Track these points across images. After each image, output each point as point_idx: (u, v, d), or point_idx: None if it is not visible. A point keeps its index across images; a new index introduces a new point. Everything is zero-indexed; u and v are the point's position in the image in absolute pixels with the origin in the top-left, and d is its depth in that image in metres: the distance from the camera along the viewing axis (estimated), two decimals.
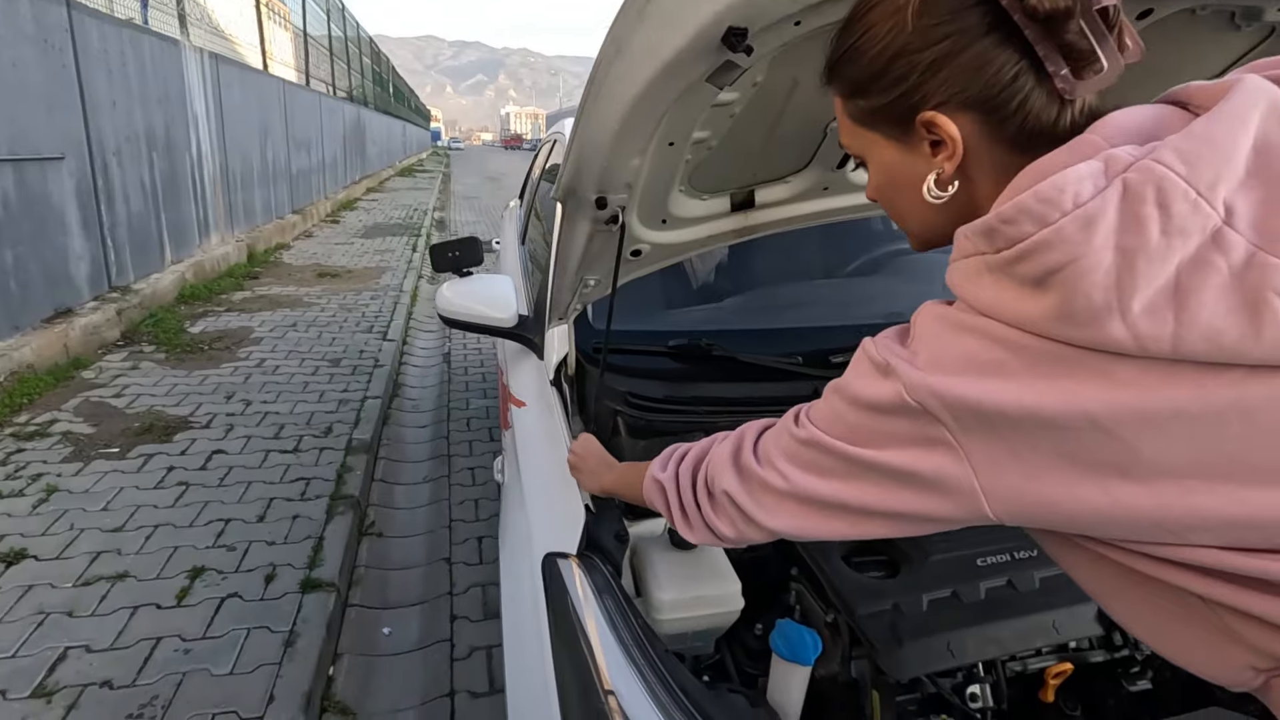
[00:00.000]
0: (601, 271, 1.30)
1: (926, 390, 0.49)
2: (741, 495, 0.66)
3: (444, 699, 1.87)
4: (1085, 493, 0.45)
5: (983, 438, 0.48)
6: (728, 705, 0.87)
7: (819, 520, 0.60)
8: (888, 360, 0.52)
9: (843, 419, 0.56)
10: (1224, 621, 0.47)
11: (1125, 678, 0.97)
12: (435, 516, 2.75)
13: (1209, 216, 0.41)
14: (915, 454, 0.51)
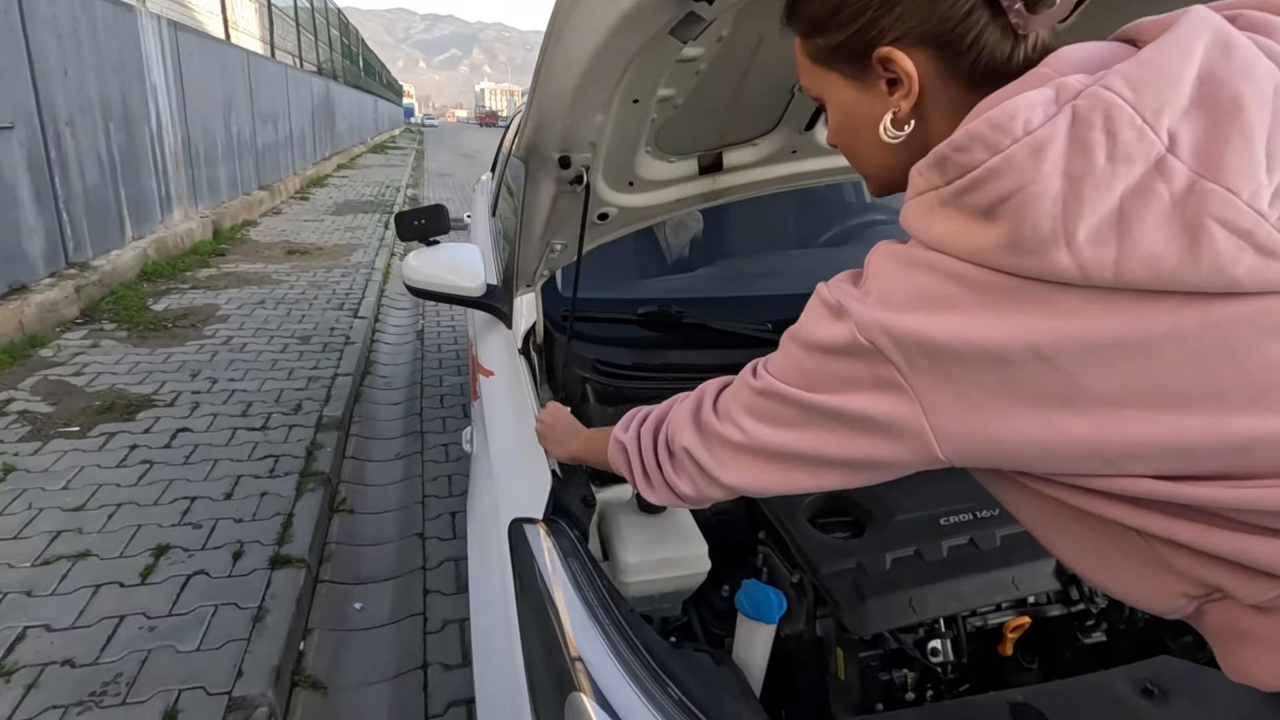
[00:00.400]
0: (568, 236, 1.27)
1: (877, 327, 0.49)
2: (701, 452, 0.66)
3: (417, 671, 1.87)
4: (1028, 426, 0.46)
5: (931, 377, 0.48)
6: (692, 663, 0.87)
7: (778, 473, 0.60)
8: (840, 301, 0.52)
9: (798, 365, 0.56)
10: (1158, 553, 0.49)
11: (1081, 630, 0.99)
12: (408, 492, 2.73)
13: (1153, 144, 0.42)
14: (868, 397, 0.51)
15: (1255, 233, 0.40)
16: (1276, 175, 0.41)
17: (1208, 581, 0.47)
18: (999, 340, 0.45)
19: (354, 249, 6.46)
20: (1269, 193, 0.41)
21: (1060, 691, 0.82)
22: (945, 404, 0.48)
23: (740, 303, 1.53)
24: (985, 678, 1.00)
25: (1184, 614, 0.51)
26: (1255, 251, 0.40)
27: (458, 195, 11.19)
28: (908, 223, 0.52)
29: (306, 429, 2.94)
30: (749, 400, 0.61)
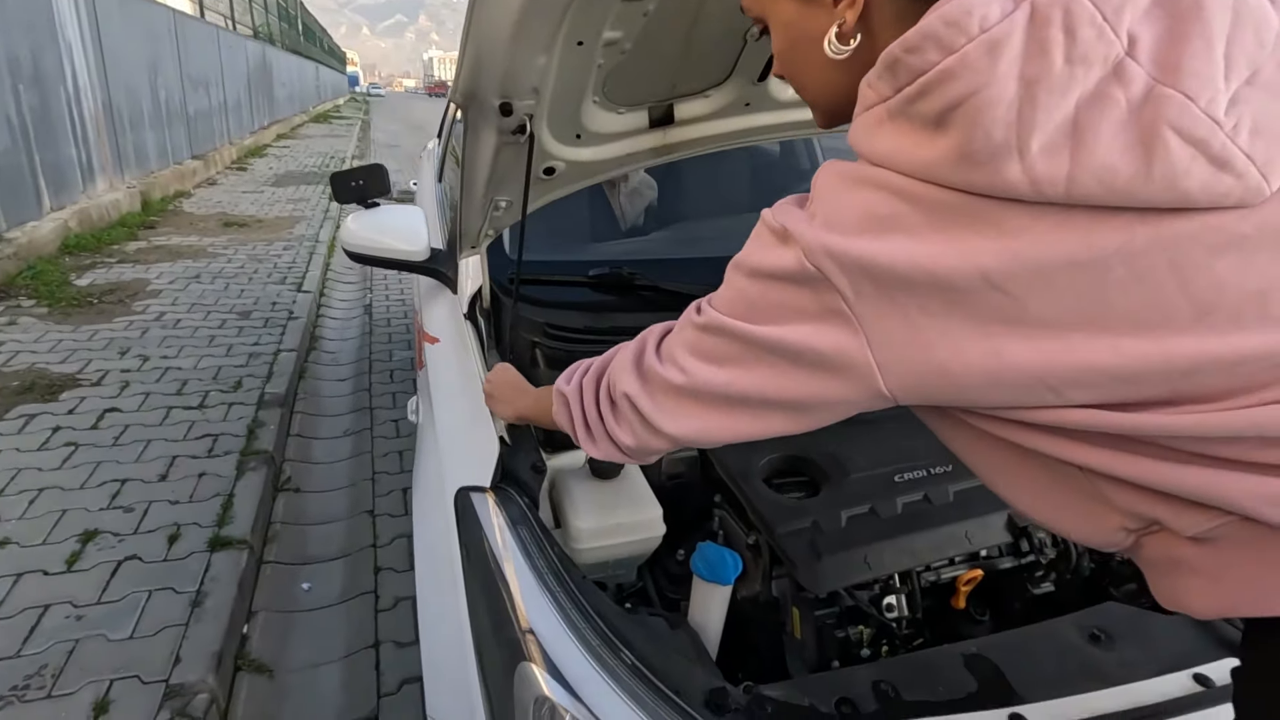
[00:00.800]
0: (513, 192, 1.21)
1: (823, 251, 0.47)
2: (642, 398, 0.63)
3: (369, 650, 1.81)
4: (975, 356, 0.45)
5: (876, 304, 0.46)
6: (646, 628, 0.85)
7: (718, 417, 0.58)
8: (785, 225, 0.49)
9: (742, 295, 0.54)
10: (1097, 488, 0.49)
11: (1030, 581, 1.00)
12: (357, 470, 2.64)
13: (1112, 44, 0.40)
14: (813, 329, 0.49)
15: (1210, 142, 0.39)
16: (1234, 82, 0.40)
17: (1145, 515, 0.47)
18: (948, 265, 0.43)
19: (296, 221, 6.19)
20: (1225, 99, 0.39)
21: (1012, 641, 0.83)
22: (890, 335, 0.47)
23: (694, 264, 1.50)
24: (939, 631, 1.01)
25: (1122, 547, 0.51)
26: (1208, 163, 0.39)
27: (407, 166, 10.83)
28: (855, 141, 0.50)
29: (248, 407, 2.81)
30: (691, 338, 0.59)
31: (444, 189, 2.52)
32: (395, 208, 1.62)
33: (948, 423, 0.55)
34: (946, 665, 0.79)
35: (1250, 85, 0.40)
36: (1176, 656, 0.78)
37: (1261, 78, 0.40)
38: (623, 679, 0.74)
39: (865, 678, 0.77)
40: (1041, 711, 0.71)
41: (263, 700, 1.65)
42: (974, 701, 0.73)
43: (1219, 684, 0.74)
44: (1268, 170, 0.39)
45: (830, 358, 0.49)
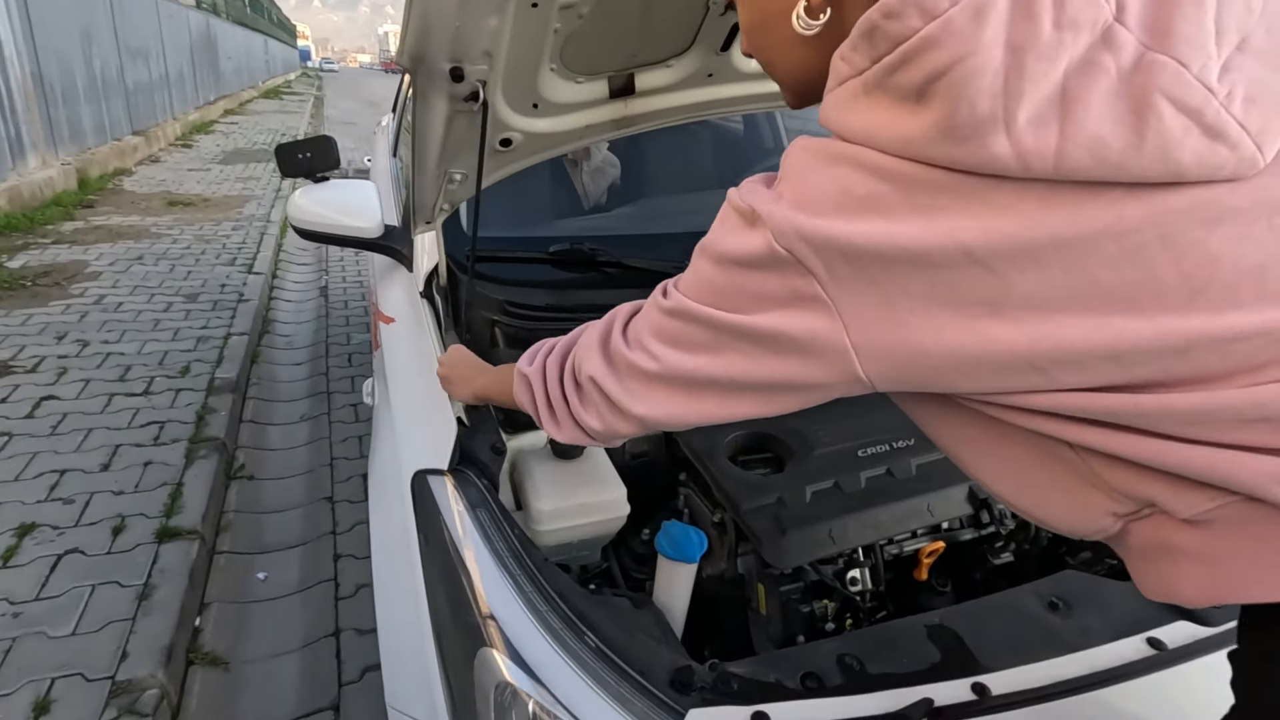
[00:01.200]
0: (468, 164, 1.16)
1: (794, 233, 0.44)
2: (609, 381, 0.61)
3: (329, 639, 1.77)
4: (957, 337, 0.43)
5: (853, 286, 0.44)
6: (610, 609, 0.83)
7: (688, 402, 0.56)
8: (753, 206, 0.47)
9: (709, 281, 0.51)
10: (1089, 468, 0.47)
11: (990, 552, 1.02)
12: (315, 456, 2.57)
13: (1101, 9, 0.38)
14: (785, 314, 0.47)
15: (1204, 111, 0.37)
16: (1225, 48, 0.38)
17: (1140, 496, 0.45)
18: (930, 242, 0.41)
19: (246, 200, 5.96)
20: (1218, 66, 0.38)
21: (973, 611, 0.83)
22: (868, 316, 0.44)
23: (656, 240, 1.47)
24: (902, 603, 1.02)
25: (1108, 534, 0.50)
26: (1202, 133, 0.37)
27: (363, 145, 10.51)
28: (827, 118, 0.47)
29: (197, 393, 2.71)
30: (658, 322, 0.56)
31: (397, 164, 2.44)
32: (346, 182, 1.55)
33: (927, 406, 0.53)
34: (910, 636, 0.79)
35: (1241, 52, 0.38)
36: (1130, 622, 0.80)
37: (1252, 44, 0.39)
38: (586, 661, 0.72)
39: (830, 651, 0.77)
40: (1003, 680, 0.71)
41: (217, 693, 1.60)
42: (937, 672, 0.73)
43: (1171, 646, 0.75)
44: (1262, 141, 0.38)
45: (804, 343, 0.47)
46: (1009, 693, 0.70)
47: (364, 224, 1.47)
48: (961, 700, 0.69)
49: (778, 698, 0.70)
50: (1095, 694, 0.70)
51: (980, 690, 0.70)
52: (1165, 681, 0.72)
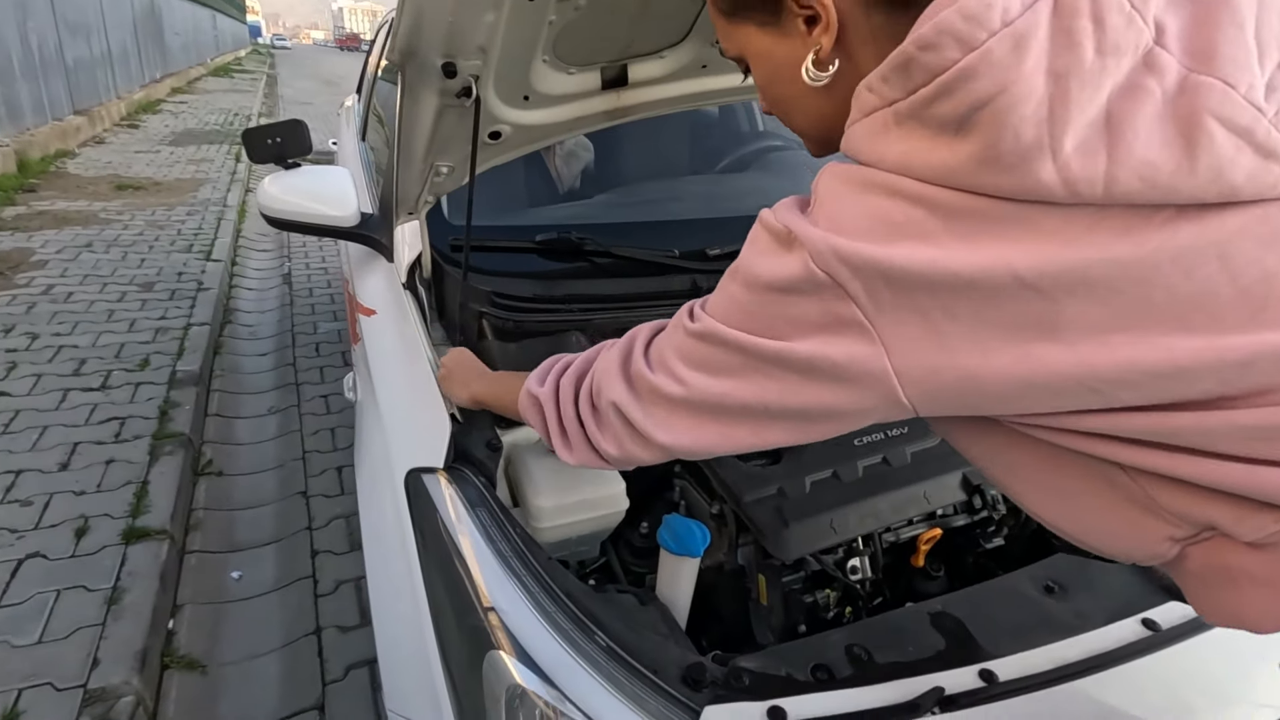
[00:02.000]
0: (456, 157, 1.13)
1: (833, 255, 0.43)
2: (631, 406, 0.58)
3: (309, 638, 1.74)
4: (1005, 359, 0.42)
5: (894, 310, 0.43)
6: (616, 606, 0.82)
7: (718, 430, 0.54)
8: (790, 227, 0.45)
9: (742, 305, 0.50)
10: (1144, 491, 0.45)
11: (983, 537, 1.04)
12: (286, 449, 2.50)
13: (1141, 32, 0.38)
14: (822, 340, 0.46)
15: (1254, 130, 0.37)
16: (1269, 66, 0.38)
17: (1200, 519, 0.44)
18: (977, 266, 0.40)
19: (200, 184, 5.73)
20: (1263, 85, 0.38)
21: (973, 597, 0.85)
22: (911, 341, 0.43)
23: (642, 228, 1.45)
24: (898, 589, 1.03)
25: (1164, 559, 0.48)
26: (1254, 152, 0.37)
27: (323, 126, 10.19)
28: (855, 148, 0.46)
29: (158, 386, 2.61)
30: (686, 346, 0.54)
31: (367, 148, 2.36)
32: (319, 169, 1.49)
33: (968, 430, 0.52)
34: (915, 625, 0.80)
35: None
36: (1124, 603, 0.82)
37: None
38: (598, 661, 0.72)
39: (838, 642, 0.77)
40: (1008, 665, 0.73)
41: (195, 698, 1.56)
42: (944, 659, 0.74)
43: (1165, 627, 0.78)
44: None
45: (843, 369, 0.45)
46: (1015, 679, 0.71)
47: (340, 212, 1.42)
48: (971, 688, 0.70)
49: (790, 691, 0.70)
50: (1097, 677, 0.72)
51: (988, 677, 0.71)
52: (1162, 662, 0.74)
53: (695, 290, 1.24)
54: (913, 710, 0.67)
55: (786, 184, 1.84)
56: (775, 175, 1.88)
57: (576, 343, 1.18)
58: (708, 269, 1.29)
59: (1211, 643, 0.77)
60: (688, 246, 1.35)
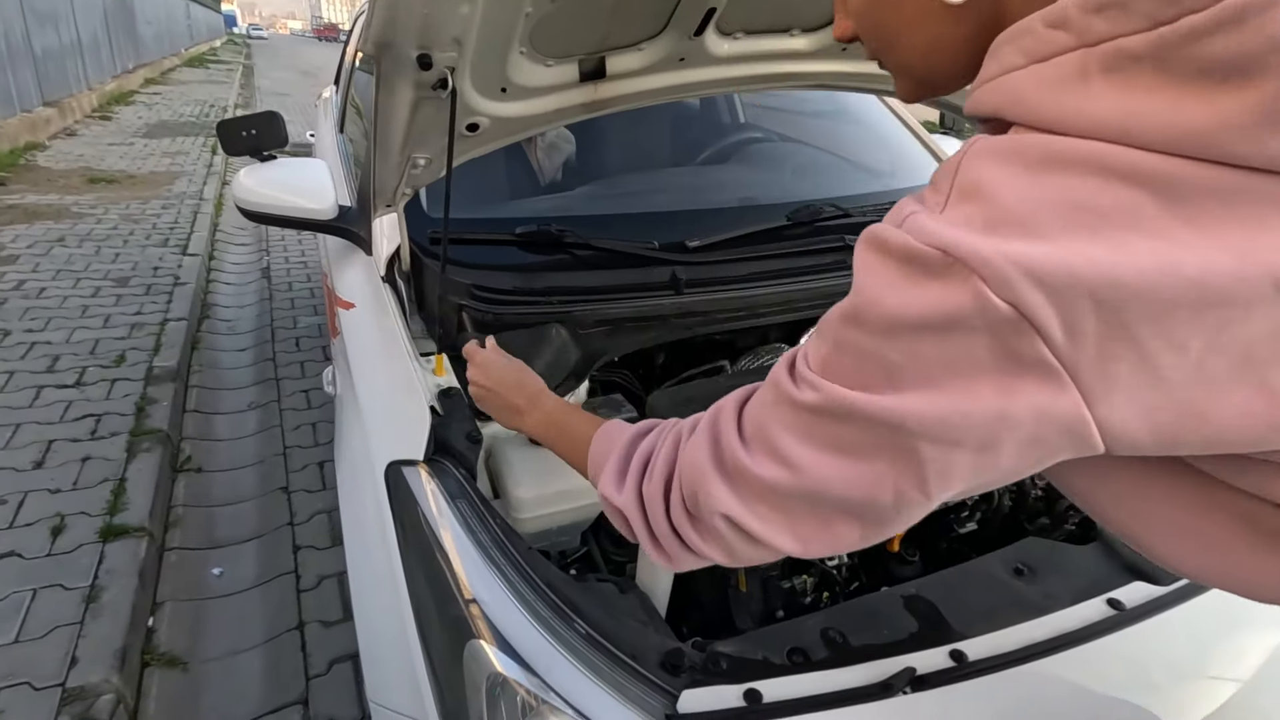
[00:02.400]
0: (433, 149, 1.12)
1: (1023, 276, 0.31)
2: (742, 513, 0.45)
3: (292, 633, 1.73)
4: (1240, 397, 0.32)
5: (1100, 344, 0.32)
6: (596, 595, 0.83)
7: (852, 522, 0.42)
8: (941, 246, 0.33)
9: (873, 359, 0.37)
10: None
11: (956, 522, 1.06)
12: (266, 445, 2.48)
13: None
14: (995, 392, 0.34)
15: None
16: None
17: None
18: (1225, 270, 0.30)
19: (176, 177, 5.64)
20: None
21: (945, 580, 0.87)
22: (1118, 383, 0.32)
23: (623, 220, 1.45)
24: (873, 574, 1.05)
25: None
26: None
27: (300, 119, 10.06)
28: (1024, 105, 0.35)
29: (134, 383, 2.58)
30: (798, 422, 0.41)
31: (345, 140, 2.34)
32: (295, 161, 1.48)
33: (1097, 472, 0.42)
34: (889, 608, 0.82)
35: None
36: (1090, 584, 0.85)
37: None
38: (577, 648, 0.73)
39: (814, 626, 0.79)
40: (979, 645, 0.75)
41: (177, 695, 1.55)
42: (917, 641, 0.76)
43: (1129, 606, 0.80)
44: None
45: (1021, 426, 0.34)
46: (985, 658, 0.73)
47: (317, 205, 1.41)
48: (941, 668, 0.72)
49: (766, 674, 0.72)
50: (1064, 655, 0.74)
51: (958, 657, 0.73)
52: (1127, 640, 0.76)
53: (675, 281, 1.25)
54: (885, 690, 0.69)
55: (766, 175, 1.85)
56: (755, 167, 1.89)
57: (557, 335, 1.18)
58: (687, 260, 1.30)
59: (1174, 621, 0.79)
60: (668, 238, 1.36)
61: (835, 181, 1.83)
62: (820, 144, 2.15)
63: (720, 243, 1.35)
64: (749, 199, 1.64)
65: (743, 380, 1.20)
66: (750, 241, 1.38)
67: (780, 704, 0.67)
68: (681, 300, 1.24)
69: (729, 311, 1.27)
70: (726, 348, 1.43)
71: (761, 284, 1.30)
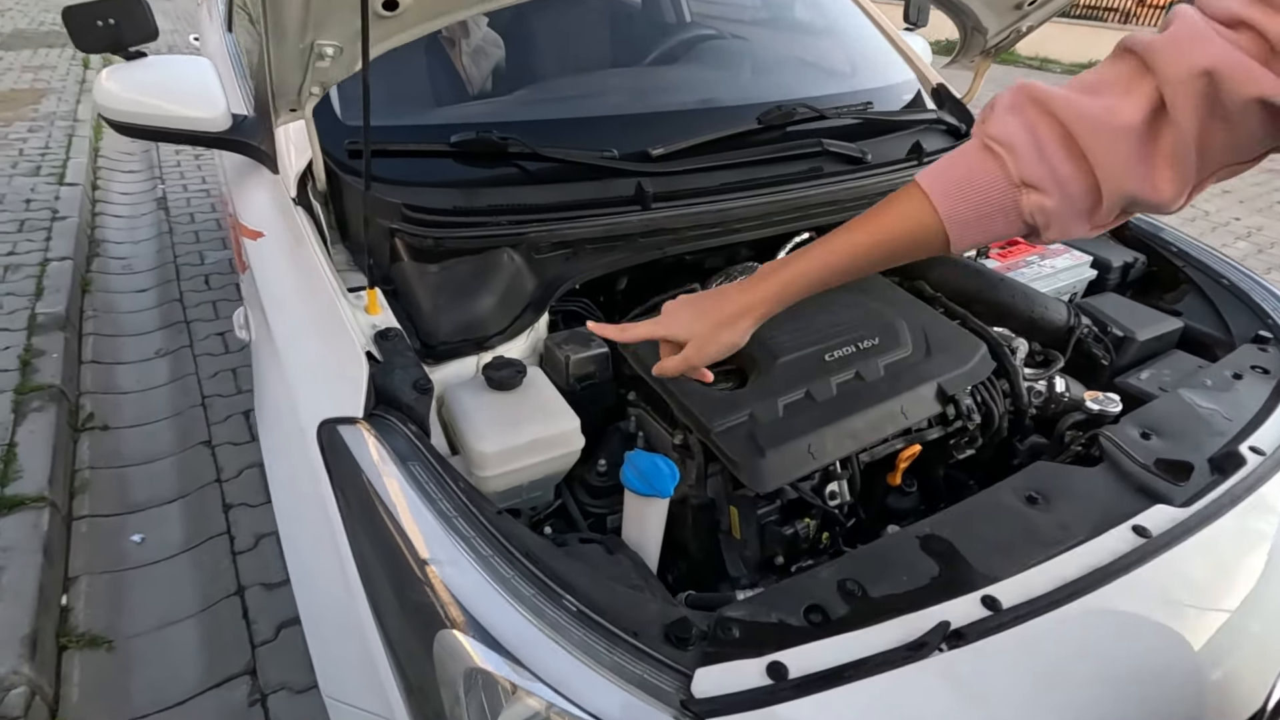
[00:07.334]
0: (342, 34, 0.91)
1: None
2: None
3: (231, 599, 1.59)
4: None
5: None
6: (583, 560, 0.73)
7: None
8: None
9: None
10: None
11: (955, 448, 0.99)
12: (181, 396, 2.24)
13: None
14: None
15: None
16: None
17: None
18: None
19: (42, 95, 4.92)
20: None
21: (958, 516, 0.80)
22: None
23: (573, 126, 1.27)
24: (869, 509, 0.99)
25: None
26: None
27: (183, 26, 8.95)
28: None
29: (15, 333, 2.26)
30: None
31: (235, 42, 2.01)
32: (172, 59, 1.22)
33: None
34: (904, 552, 0.74)
35: None
36: (1108, 511, 0.79)
37: None
38: (568, 629, 0.62)
39: (828, 579, 0.71)
40: (1009, 589, 0.68)
41: (103, 678, 1.41)
42: (942, 588, 0.69)
43: (1155, 533, 0.75)
44: None
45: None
46: (1019, 603, 0.67)
47: (205, 114, 1.17)
48: (977, 618, 0.65)
49: (786, 640, 0.63)
50: (1099, 593, 0.68)
51: (991, 604, 0.67)
52: (1160, 570, 0.71)
53: (641, 195, 1.10)
54: (920, 649, 0.61)
55: (725, 75, 1.67)
56: (711, 66, 1.71)
57: (509, 261, 1.02)
58: (653, 171, 1.14)
59: (1202, 546, 0.75)
60: (625, 147, 1.19)
61: (801, 81, 1.67)
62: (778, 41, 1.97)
63: (687, 149, 1.19)
64: (709, 100, 1.47)
65: None
66: (720, 148, 1.23)
67: (809, 678, 0.59)
68: (649, 216, 1.09)
69: (702, 228, 1.13)
70: (693, 269, 1.30)
71: (735, 196, 1.16)
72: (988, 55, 1.67)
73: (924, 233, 0.62)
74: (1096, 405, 0.99)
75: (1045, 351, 1.11)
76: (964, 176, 0.60)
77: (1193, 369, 1.13)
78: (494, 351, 0.96)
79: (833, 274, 0.69)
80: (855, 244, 0.67)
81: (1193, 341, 1.23)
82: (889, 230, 0.64)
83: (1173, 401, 0.99)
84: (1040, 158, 0.56)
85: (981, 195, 0.59)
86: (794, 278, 0.71)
